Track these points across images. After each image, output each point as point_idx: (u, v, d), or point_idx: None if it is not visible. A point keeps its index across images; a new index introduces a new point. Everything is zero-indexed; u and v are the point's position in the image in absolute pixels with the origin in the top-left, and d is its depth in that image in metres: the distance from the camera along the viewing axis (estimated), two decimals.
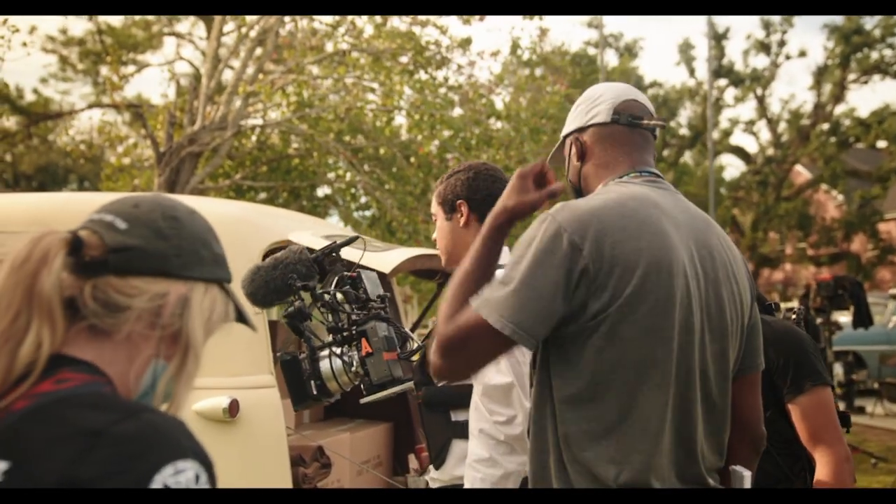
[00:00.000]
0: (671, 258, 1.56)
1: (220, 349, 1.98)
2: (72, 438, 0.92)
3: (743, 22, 71.50)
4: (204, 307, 1.13)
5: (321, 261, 2.29)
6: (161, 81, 37.16)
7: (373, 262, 2.92)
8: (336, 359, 2.20)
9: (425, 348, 2.28)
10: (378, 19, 10.44)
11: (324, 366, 2.23)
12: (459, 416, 2.23)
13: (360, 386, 2.26)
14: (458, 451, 2.28)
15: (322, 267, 2.35)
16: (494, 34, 26.05)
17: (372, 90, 10.44)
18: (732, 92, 26.75)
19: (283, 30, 10.67)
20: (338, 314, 2.35)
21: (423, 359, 2.27)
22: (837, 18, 23.64)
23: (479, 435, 2.08)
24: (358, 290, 2.34)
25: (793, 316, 2.63)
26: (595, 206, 1.59)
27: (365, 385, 2.25)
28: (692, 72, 26.88)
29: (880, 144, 23.95)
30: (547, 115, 11.51)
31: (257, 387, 2.67)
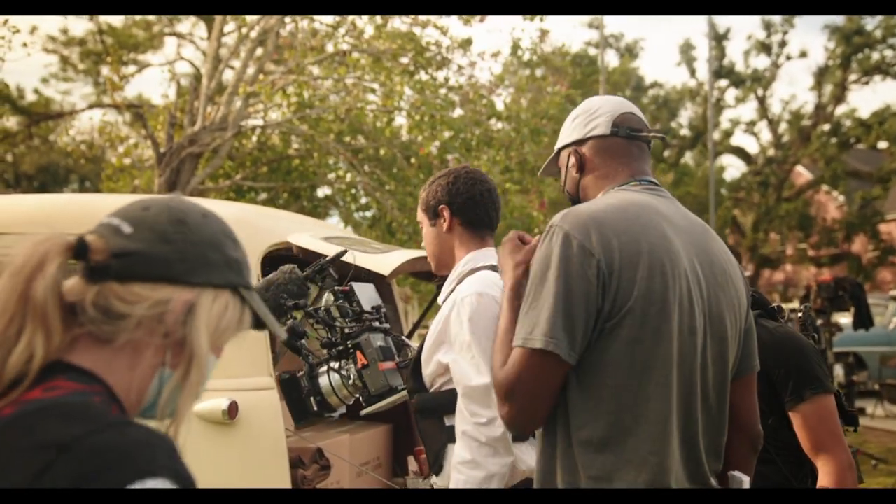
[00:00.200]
0: (673, 261, 1.58)
1: None
2: (39, 450, 0.89)
3: (744, 22, 71.53)
4: (212, 314, 1.07)
5: (313, 278, 2.30)
6: (161, 82, 37.22)
7: (372, 264, 2.92)
8: (334, 374, 2.20)
9: (419, 354, 2.29)
10: (378, 20, 10.43)
11: (323, 381, 2.23)
12: (453, 421, 2.23)
13: (360, 398, 2.27)
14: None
15: (324, 271, 2.35)
16: (495, 35, 26.07)
17: (372, 91, 10.43)
18: (733, 92, 26.77)
19: (284, 30, 10.66)
20: (332, 329, 2.35)
21: (417, 365, 2.27)
22: (838, 19, 23.66)
23: (462, 437, 2.08)
24: (352, 304, 2.34)
25: (799, 314, 2.62)
26: (598, 210, 1.61)
27: (364, 397, 2.25)
28: (693, 72, 26.89)
29: (881, 145, 23.93)
30: (547, 116, 11.50)
31: (256, 389, 2.67)
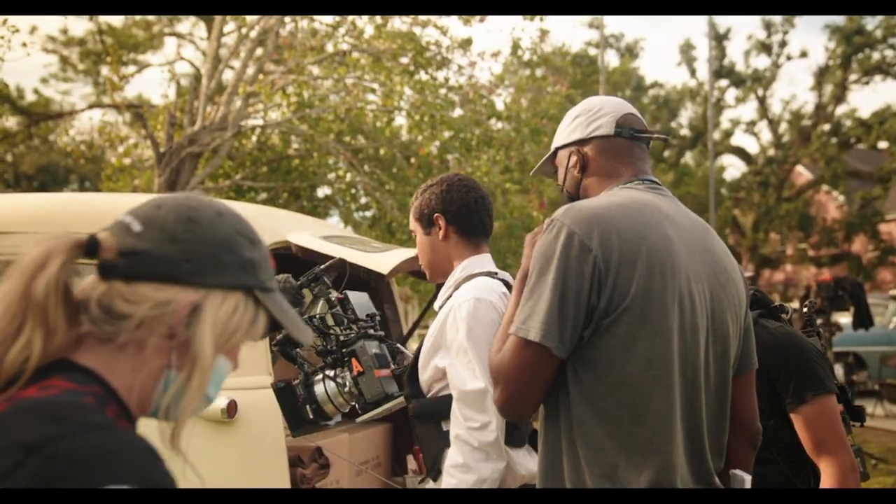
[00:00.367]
0: (674, 260, 1.58)
1: None
2: (11, 451, 0.87)
3: (744, 22, 71.55)
4: (219, 317, 1.04)
5: (307, 286, 2.30)
6: (161, 82, 37.24)
7: (371, 263, 2.91)
8: (329, 381, 2.20)
9: (416, 359, 2.28)
10: (378, 20, 10.42)
11: (318, 389, 2.23)
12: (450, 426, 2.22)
13: (356, 406, 2.26)
14: None
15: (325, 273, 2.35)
16: (495, 35, 26.08)
17: (372, 91, 10.42)
18: (733, 92, 26.79)
19: (284, 30, 10.66)
20: (327, 337, 2.35)
21: (414, 371, 2.26)
22: (839, 19, 23.67)
23: (455, 440, 2.07)
24: (346, 311, 2.34)
25: (804, 309, 2.61)
26: (601, 207, 1.62)
27: (360, 404, 2.25)
28: (693, 72, 26.90)
29: (881, 145, 23.94)
30: (548, 116, 11.50)
31: (256, 387, 2.66)
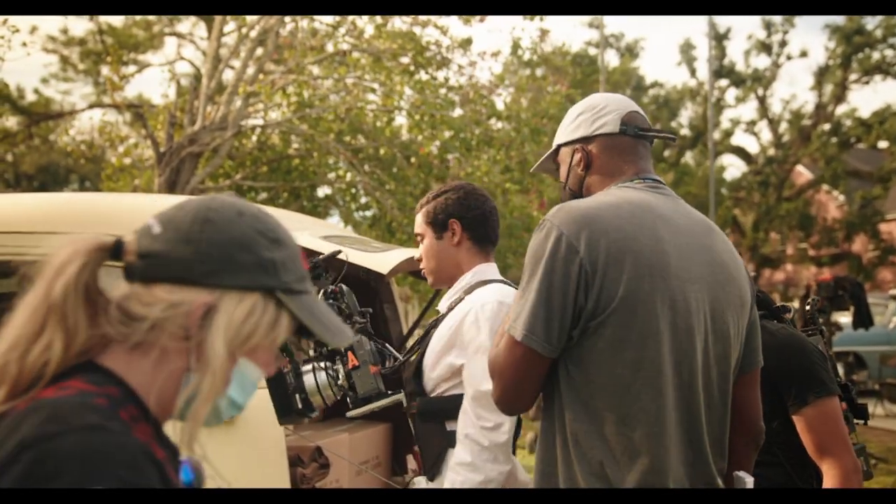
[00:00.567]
0: (665, 261, 1.57)
1: None
2: (11, 447, 0.88)
3: (744, 22, 71.55)
4: (234, 318, 1.01)
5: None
6: (162, 81, 37.17)
7: (371, 263, 2.91)
8: (321, 373, 2.19)
9: (421, 357, 2.28)
10: (379, 20, 10.42)
11: (308, 380, 2.21)
12: (454, 426, 2.22)
13: (347, 399, 2.26)
14: None
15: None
16: (495, 35, 26.14)
17: (372, 90, 10.42)
18: (733, 92, 26.79)
19: (284, 30, 10.66)
20: None
21: (418, 369, 2.26)
22: (839, 18, 23.65)
23: (465, 439, 2.07)
24: (342, 304, 2.33)
25: (807, 307, 2.60)
26: (591, 207, 1.60)
27: (351, 399, 2.24)
28: (693, 72, 26.88)
29: (881, 145, 23.92)
30: (548, 116, 11.50)
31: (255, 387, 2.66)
